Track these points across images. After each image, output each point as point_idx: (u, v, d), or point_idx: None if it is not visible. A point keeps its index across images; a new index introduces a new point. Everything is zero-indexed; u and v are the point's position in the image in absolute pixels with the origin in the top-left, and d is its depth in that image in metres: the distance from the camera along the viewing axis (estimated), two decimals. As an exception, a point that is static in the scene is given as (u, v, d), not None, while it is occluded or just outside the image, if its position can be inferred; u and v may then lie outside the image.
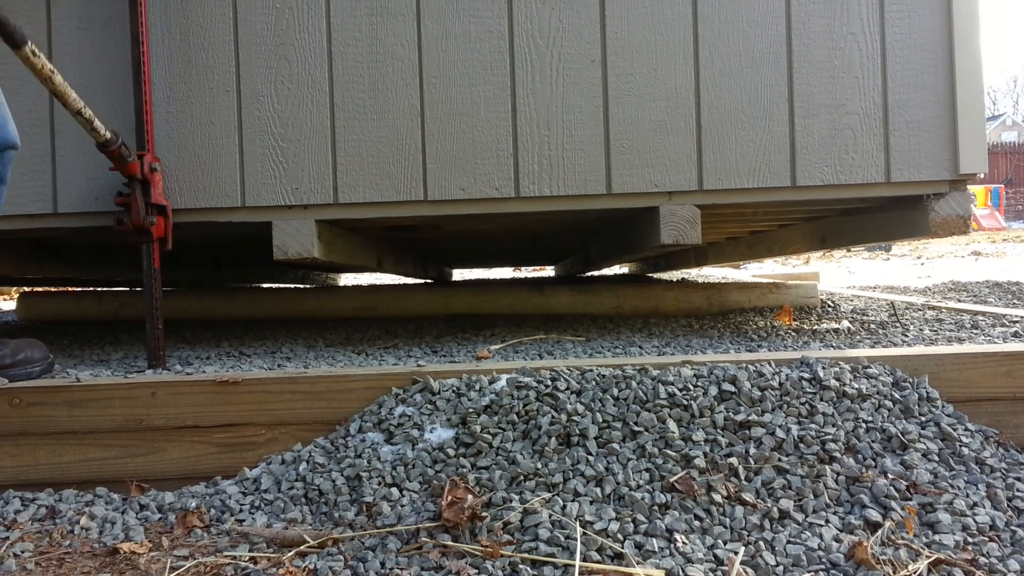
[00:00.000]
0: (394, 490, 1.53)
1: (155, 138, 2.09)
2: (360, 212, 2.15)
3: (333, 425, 1.78)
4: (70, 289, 4.81)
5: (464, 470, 1.54)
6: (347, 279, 7.31)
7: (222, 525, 1.53)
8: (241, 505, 1.60)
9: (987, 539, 1.35)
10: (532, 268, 8.91)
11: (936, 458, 1.56)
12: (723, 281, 4.29)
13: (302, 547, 1.39)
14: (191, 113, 2.13)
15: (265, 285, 5.69)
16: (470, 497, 1.39)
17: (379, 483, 1.55)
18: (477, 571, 1.28)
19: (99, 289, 4.39)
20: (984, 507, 1.44)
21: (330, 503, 1.54)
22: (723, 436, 1.56)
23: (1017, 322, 2.54)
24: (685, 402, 1.62)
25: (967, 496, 1.46)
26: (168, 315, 3.55)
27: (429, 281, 5.38)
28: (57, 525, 1.56)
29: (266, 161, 2.12)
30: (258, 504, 1.59)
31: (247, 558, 1.39)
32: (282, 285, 5.86)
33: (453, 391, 1.74)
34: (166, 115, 2.12)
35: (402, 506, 1.48)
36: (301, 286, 5.75)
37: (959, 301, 3.74)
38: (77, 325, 3.55)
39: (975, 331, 2.44)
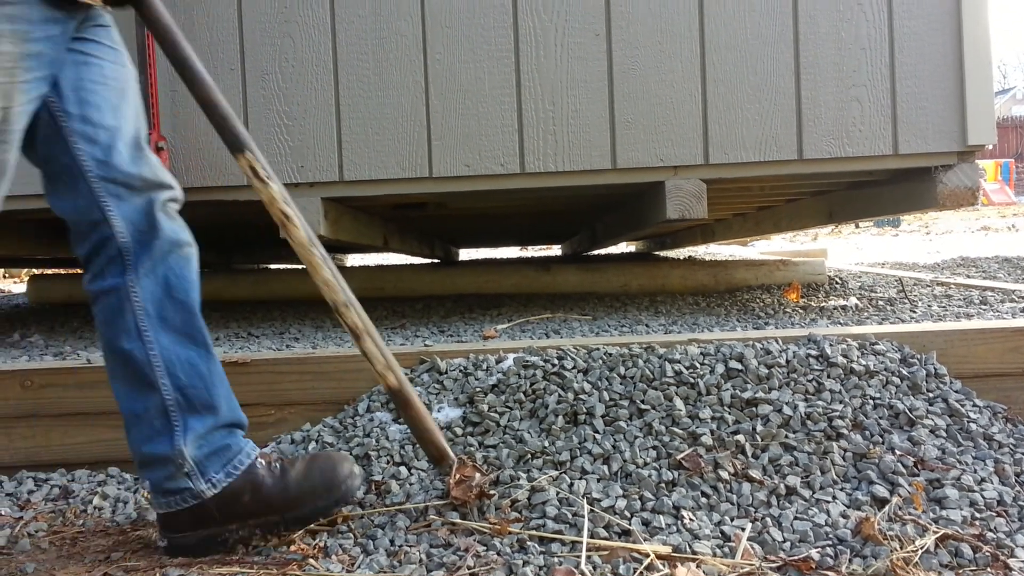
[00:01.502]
0: (402, 469, 1.54)
1: (160, 117, 2.09)
2: (366, 189, 2.14)
3: (341, 405, 1.78)
4: (80, 271, 4.82)
5: (472, 448, 1.54)
6: (354, 259, 7.32)
7: (232, 504, 1.54)
8: (251, 484, 1.60)
9: (995, 514, 1.35)
10: (538, 247, 8.90)
11: (944, 434, 1.56)
12: (730, 259, 4.28)
13: (312, 525, 1.40)
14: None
15: (272, 266, 5.69)
16: (478, 475, 1.40)
17: (387, 462, 1.56)
18: (485, 548, 1.29)
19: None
20: (992, 482, 1.44)
21: (339, 482, 1.54)
22: (730, 413, 1.56)
23: (1026, 297, 2.53)
24: (692, 380, 1.62)
25: (975, 472, 1.46)
26: (176, 296, 3.55)
27: (436, 260, 5.39)
28: (70, 505, 1.57)
29: (271, 139, 2.12)
30: (267, 483, 1.60)
31: (259, 536, 1.39)
32: (289, 266, 5.87)
33: (460, 370, 1.74)
34: (171, 94, 2.11)
35: (410, 484, 1.49)
36: (308, 266, 5.76)
37: (968, 277, 3.72)
38: (87, 307, 3.56)
39: (984, 307, 2.43)
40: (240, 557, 1.32)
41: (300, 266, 5.62)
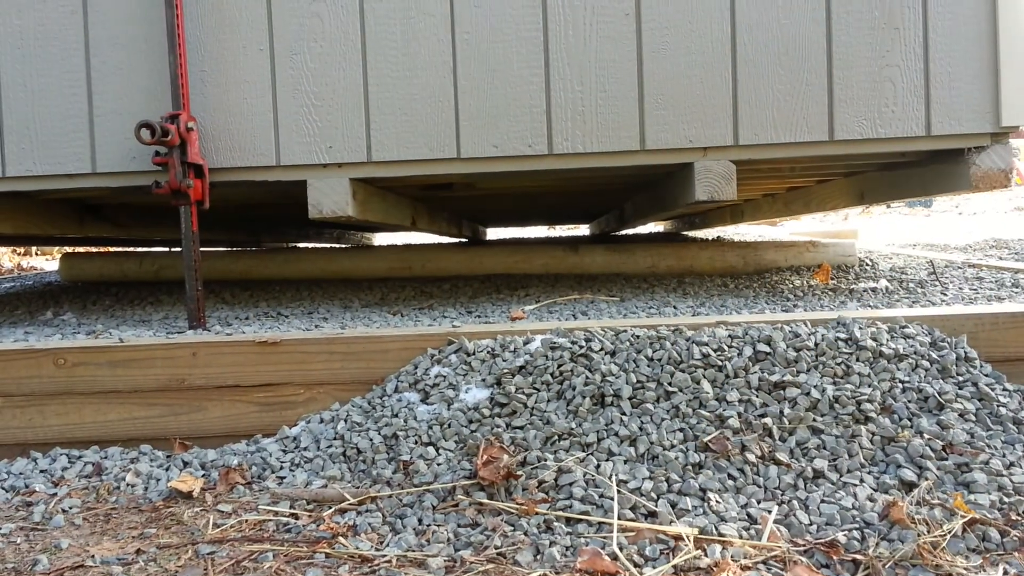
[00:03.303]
0: (430, 449, 1.55)
1: (190, 98, 2.10)
2: (393, 170, 2.15)
3: (370, 385, 1.80)
4: (111, 250, 4.89)
5: (499, 430, 1.56)
6: (381, 239, 7.35)
7: (264, 482, 1.57)
8: (281, 463, 1.63)
9: (1023, 499, 1.34)
10: (566, 226, 8.88)
11: (973, 418, 1.54)
12: (759, 240, 4.25)
13: (342, 504, 1.42)
14: (225, 72, 2.13)
15: (301, 245, 5.74)
16: (505, 456, 1.41)
17: (415, 442, 1.58)
18: (512, 528, 1.30)
19: (139, 250, 4.46)
20: (1021, 467, 1.43)
21: (368, 461, 1.57)
22: (757, 396, 1.56)
23: (1062, 280, 2.49)
24: (719, 362, 1.62)
25: (1004, 456, 1.45)
26: (206, 276, 3.60)
27: (463, 240, 5.39)
28: (104, 482, 1.60)
29: (300, 120, 2.13)
30: (298, 462, 1.63)
31: (288, 514, 1.42)
32: (317, 245, 5.91)
33: (488, 352, 1.75)
34: (200, 74, 2.13)
35: (438, 464, 1.50)
36: (336, 246, 5.79)
37: (1000, 259, 3.66)
38: (118, 286, 3.62)
39: (1016, 290, 2.39)
40: (271, 535, 1.35)
41: (328, 245, 5.66)
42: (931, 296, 2.38)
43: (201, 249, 2.50)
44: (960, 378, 1.64)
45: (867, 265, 3.54)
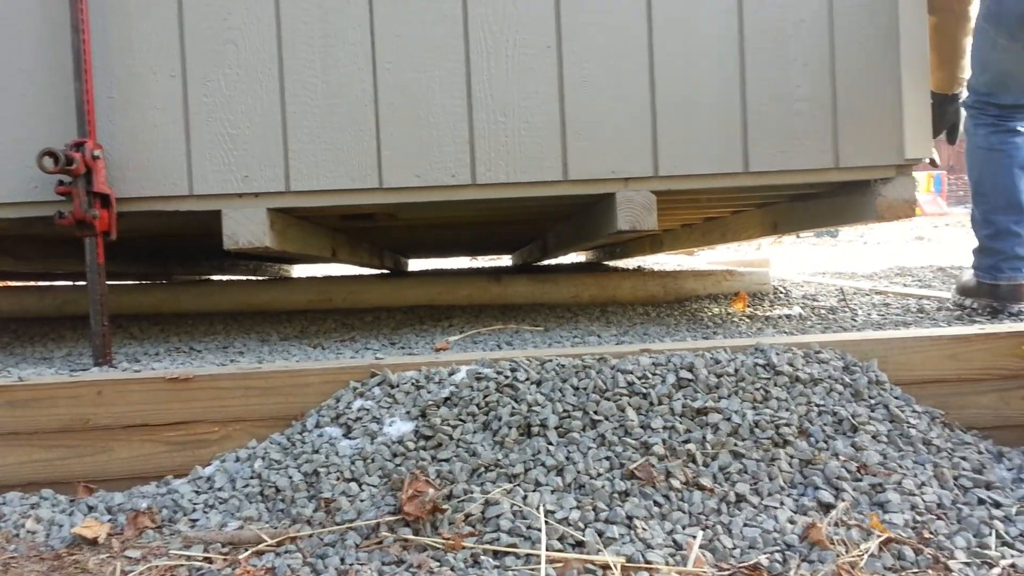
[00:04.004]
0: (353, 485, 1.51)
1: (97, 125, 2.03)
2: (313, 200, 2.11)
3: (289, 420, 1.75)
4: (10, 284, 4.66)
5: (424, 463, 1.53)
6: (300, 270, 7.22)
7: (175, 525, 1.50)
8: (194, 504, 1.56)
9: (934, 517, 1.39)
10: (489, 257, 8.89)
11: (885, 439, 1.59)
12: (679, 269, 4.33)
13: (260, 546, 1.36)
14: (135, 98, 2.06)
15: (215, 277, 5.58)
16: (431, 490, 1.38)
17: (337, 478, 1.53)
18: (439, 564, 1.27)
19: (41, 284, 4.27)
20: (931, 486, 1.47)
21: (287, 500, 1.51)
22: (681, 423, 1.57)
23: (961, 306, 2.60)
24: (644, 390, 1.63)
25: (915, 476, 1.49)
26: (114, 310, 3.46)
27: (386, 272, 5.34)
28: (2, 529, 1.51)
29: (215, 148, 2.07)
30: (212, 503, 1.56)
31: (201, 558, 1.36)
32: (233, 277, 5.76)
33: (412, 383, 1.72)
34: (108, 101, 2.05)
35: (361, 501, 1.46)
36: (253, 278, 5.66)
37: (905, 286, 3.82)
38: (18, 322, 3.44)
39: (921, 315, 2.49)
40: (185, 579, 1.28)
41: (244, 277, 5.53)
42: (842, 322, 2.46)
43: (108, 282, 2.40)
44: (872, 401, 1.69)
45: (781, 293, 3.64)
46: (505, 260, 8.47)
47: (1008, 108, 2.33)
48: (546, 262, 6.12)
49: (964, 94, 2.43)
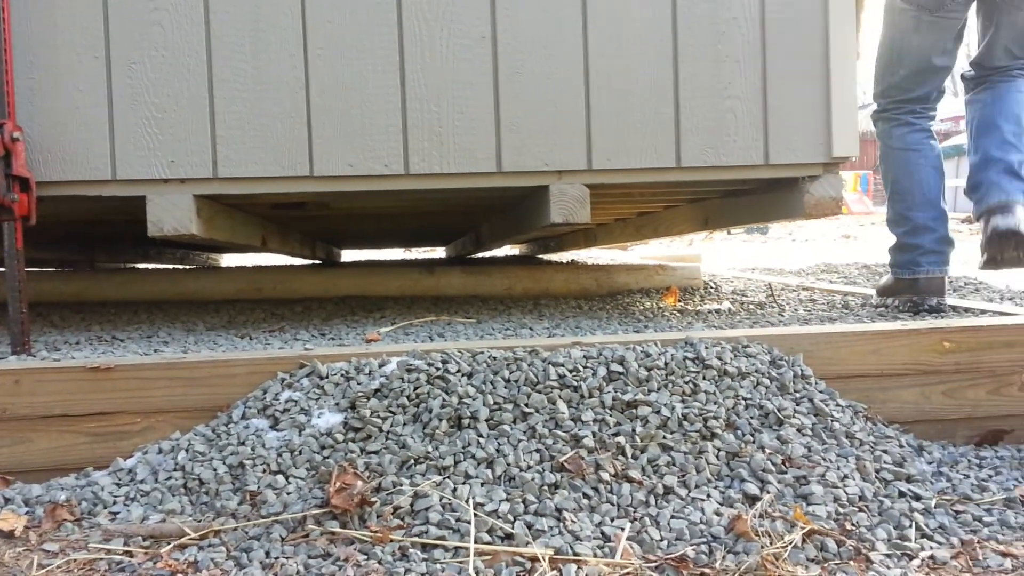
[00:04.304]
0: (279, 477, 1.48)
1: (16, 106, 1.94)
2: (242, 187, 2.06)
3: (215, 412, 1.71)
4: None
5: (353, 455, 1.51)
6: (230, 259, 7.07)
7: (95, 518, 1.45)
8: (115, 497, 1.52)
9: (856, 509, 1.42)
10: (423, 249, 8.84)
11: (810, 432, 1.63)
12: (612, 263, 4.37)
13: (182, 539, 1.33)
14: (57, 80, 1.98)
15: (141, 265, 5.43)
16: (359, 483, 1.36)
17: (264, 471, 1.50)
18: (366, 557, 1.26)
19: (-45, 269, 4.08)
20: (854, 479, 1.51)
21: (211, 493, 1.48)
22: (611, 416, 1.58)
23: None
24: (575, 383, 1.64)
25: (838, 469, 1.53)
26: (34, 298, 3.33)
27: (318, 262, 5.26)
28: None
29: (139, 132, 2.01)
30: (133, 495, 1.52)
31: (121, 551, 1.32)
32: (159, 265, 5.61)
33: (342, 375, 1.70)
34: (28, 82, 1.97)
35: (288, 494, 1.44)
36: (180, 266, 5.52)
37: (831, 282, 3.93)
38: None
39: (846, 311, 2.56)
40: (102, 574, 1.24)
41: (170, 266, 5.38)
42: (770, 317, 2.52)
43: (28, 269, 2.31)
44: (797, 395, 1.73)
45: (711, 288, 3.71)
46: (439, 252, 8.44)
47: (922, 102, 2.46)
48: (480, 254, 6.11)
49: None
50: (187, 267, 5.16)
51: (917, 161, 2.44)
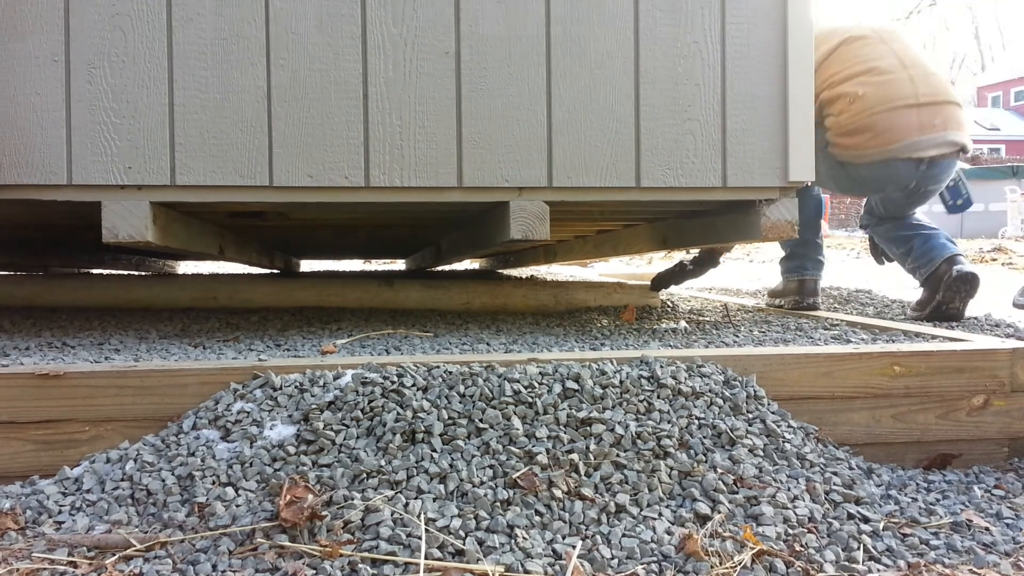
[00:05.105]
0: (229, 489, 1.46)
1: (-32, 107, 1.91)
2: (199, 195, 2.04)
3: (165, 422, 1.68)
4: None
5: (305, 468, 1.49)
6: (187, 267, 6.97)
7: (39, 527, 1.42)
8: (60, 506, 1.49)
9: (806, 531, 1.44)
10: (383, 261, 8.80)
11: (761, 453, 1.65)
12: (570, 280, 4.39)
13: (128, 551, 1.30)
14: (13, 83, 1.95)
15: (95, 271, 5.33)
16: (310, 496, 1.35)
17: (213, 482, 1.48)
18: (315, 572, 1.25)
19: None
20: (804, 500, 1.54)
21: (159, 504, 1.45)
22: (566, 433, 1.59)
23: (837, 325, 2.73)
24: (530, 399, 1.64)
25: (788, 490, 1.56)
26: (-20, 300, 3.25)
27: (275, 272, 5.21)
28: None
29: (97, 137, 1.98)
30: (80, 505, 1.49)
31: (66, 562, 1.29)
32: (114, 271, 5.51)
33: (296, 387, 1.69)
34: (-20, 82, 1.94)
35: (237, 506, 1.42)
36: (135, 273, 5.42)
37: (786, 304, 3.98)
38: None
39: (799, 333, 2.60)
40: (41, 588, 1.21)
41: (124, 272, 5.29)
42: (725, 337, 2.55)
43: (-26, 271, 2.26)
44: (750, 415, 1.75)
45: (669, 307, 3.74)
46: (399, 265, 8.41)
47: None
48: (440, 268, 6.10)
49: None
50: (142, 274, 5.07)
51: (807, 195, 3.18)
